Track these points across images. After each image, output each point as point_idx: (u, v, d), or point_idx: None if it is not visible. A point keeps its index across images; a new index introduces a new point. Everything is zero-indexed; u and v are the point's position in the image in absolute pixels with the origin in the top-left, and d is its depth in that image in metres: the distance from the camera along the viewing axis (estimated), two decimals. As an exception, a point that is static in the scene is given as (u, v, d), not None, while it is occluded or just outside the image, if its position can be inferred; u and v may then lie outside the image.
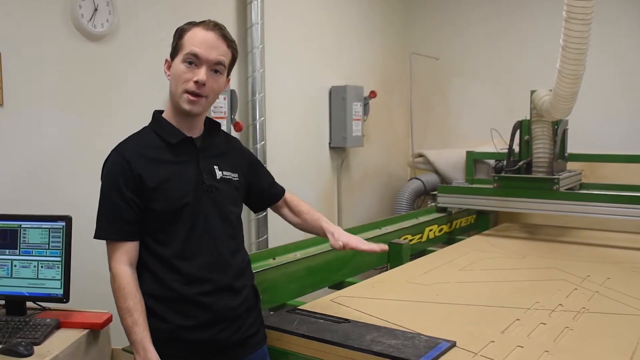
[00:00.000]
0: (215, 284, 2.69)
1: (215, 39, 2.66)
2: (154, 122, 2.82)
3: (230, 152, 2.95)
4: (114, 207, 2.64)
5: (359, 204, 7.43)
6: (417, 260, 4.86)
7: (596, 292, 3.82)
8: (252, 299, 2.89)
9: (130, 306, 2.59)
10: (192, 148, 2.75)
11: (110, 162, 2.71)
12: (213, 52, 2.64)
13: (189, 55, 2.62)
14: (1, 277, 3.11)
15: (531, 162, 5.64)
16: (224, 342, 2.70)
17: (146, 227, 2.67)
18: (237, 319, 2.75)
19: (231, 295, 2.74)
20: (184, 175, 2.68)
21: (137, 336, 2.56)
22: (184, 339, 2.67)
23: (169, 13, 4.82)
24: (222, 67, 2.69)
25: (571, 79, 4.33)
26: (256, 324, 2.89)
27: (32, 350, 2.68)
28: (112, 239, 2.66)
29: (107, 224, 2.66)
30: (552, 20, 4.95)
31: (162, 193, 2.63)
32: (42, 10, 4.06)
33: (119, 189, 2.63)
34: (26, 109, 4.00)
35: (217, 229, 2.72)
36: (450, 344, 2.83)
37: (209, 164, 2.77)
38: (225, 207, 2.77)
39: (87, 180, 4.19)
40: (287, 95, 6.16)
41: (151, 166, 2.66)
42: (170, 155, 2.71)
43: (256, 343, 2.86)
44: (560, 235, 5.76)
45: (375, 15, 7.63)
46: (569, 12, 3.92)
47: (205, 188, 2.70)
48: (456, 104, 8.07)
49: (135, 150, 2.70)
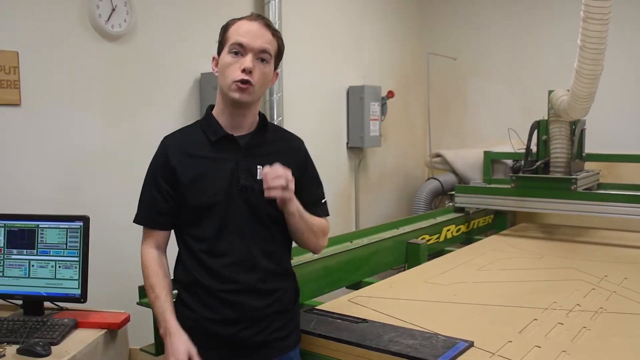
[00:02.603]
0: (241, 284, 2.68)
1: (259, 27, 2.67)
2: (203, 117, 2.84)
3: (284, 152, 2.85)
4: (150, 197, 2.75)
5: (377, 203, 7.43)
6: (435, 260, 4.86)
7: (614, 292, 3.81)
8: (287, 302, 2.84)
9: (152, 283, 2.70)
10: (235, 146, 2.72)
11: (156, 152, 2.79)
12: (258, 40, 2.63)
13: (234, 45, 2.63)
14: (19, 277, 3.14)
15: (549, 162, 5.63)
16: (247, 340, 2.69)
17: (182, 219, 2.73)
18: (263, 319, 2.72)
19: (257, 297, 2.71)
20: (219, 173, 2.68)
21: (159, 309, 2.66)
22: (209, 330, 2.69)
23: (186, 13, 4.83)
24: (268, 55, 2.68)
25: (589, 79, 4.32)
26: (287, 328, 2.83)
27: (50, 350, 2.71)
28: (144, 225, 2.78)
29: (142, 211, 2.78)
30: (570, 20, 4.94)
31: (195, 189, 2.67)
32: (60, 10, 4.10)
33: (156, 181, 2.72)
34: (43, 109, 4.04)
35: (249, 230, 2.69)
36: (468, 344, 2.84)
37: (251, 163, 2.72)
38: (260, 208, 2.70)
39: (104, 179, 4.23)
40: (304, 95, 6.16)
41: (188, 161, 2.70)
42: (210, 151, 2.72)
43: (285, 347, 2.81)
44: (577, 235, 5.75)
45: (393, 15, 7.63)
46: (587, 12, 3.91)
47: (239, 187, 2.68)
48: (474, 104, 8.05)
49: (177, 143, 2.76)
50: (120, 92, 4.46)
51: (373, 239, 4.76)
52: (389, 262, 4.85)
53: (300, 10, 6.04)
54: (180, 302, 2.80)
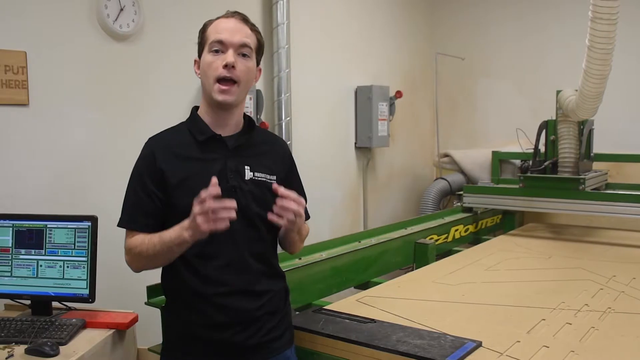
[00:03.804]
0: (232, 286, 2.65)
1: (236, 23, 2.66)
2: (189, 118, 2.81)
3: (271, 153, 2.87)
4: (136, 198, 2.69)
5: (385, 204, 7.43)
6: (443, 260, 4.87)
7: (622, 292, 3.81)
8: (277, 302, 2.82)
9: (148, 238, 2.60)
10: (222, 146, 2.70)
11: (141, 154, 2.74)
12: (237, 35, 2.62)
13: (214, 43, 2.62)
14: (27, 277, 3.14)
15: (557, 162, 5.63)
16: (241, 344, 2.66)
17: (169, 222, 2.63)
18: (255, 321, 2.70)
19: (249, 299, 2.69)
20: (207, 173, 2.59)
21: (170, 232, 2.53)
22: (200, 337, 2.67)
23: (194, 13, 4.82)
24: (249, 49, 2.66)
25: (597, 79, 4.32)
26: (279, 328, 2.82)
27: (58, 350, 2.70)
28: (130, 227, 2.70)
29: (127, 214, 2.71)
30: (578, 20, 4.92)
31: (183, 190, 2.62)
32: (68, 10, 4.10)
33: (142, 182, 2.67)
34: (51, 109, 4.04)
35: (238, 231, 2.61)
36: (476, 344, 2.84)
37: (239, 163, 2.70)
38: (249, 209, 2.66)
39: (112, 180, 4.22)
40: (312, 95, 6.16)
41: (176, 162, 2.67)
42: (197, 152, 2.69)
43: (278, 347, 2.80)
44: (585, 235, 5.75)
45: (401, 16, 7.63)
46: (595, 12, 3.91)
47: (228, 188, 2.63)
48: (482, 104, 8.04)
49: (163, 144, 2.72)
50: (128, 92, 4.47)
51: (381, 239, 4.76)
52: (397, 262, 4.86)
53: (309, 10, 6.05)
54: (169, 310, 2.79)
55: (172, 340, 2.78)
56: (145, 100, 4.57)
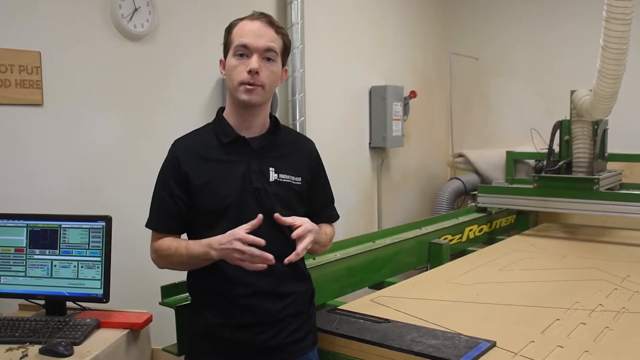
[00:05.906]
0: (256, 287, 2.65)
1: (261, 26, 2.64)
2: (215, 119, 2.82)
3: (296, 153, 2.86)
4: (161, 201, 2.72)
5: (399, 203, 7.42)
6: (457, 260, 4.87)
7: (636, 292, 3.80)
8: (301, 304, 2.81)
9: (175, 246, 2.66)
10: (247, 148, 2.71)
11: (166, 157, 2.76)
12: (261, 40, 2.61)
13: (238, 47, 2.61)
14: (41, 277, 3.16)
15: (571, 162, 5.62)
16: (263, 344, 2.66)
17: (194, 224, 2.70)
18: (278, 323, 2.70)
19: (273, 300, 2.69)
20: (231, 175, 2.65)
21: (197, 248, 2.59)
22: (222, 337, 2.67)
23: (208, 13, 4.86)
24: (274, 53, 2.65)
25: (611, 79, 4.30)
26: (303, 329, 2.80)
27: (72, 350, 2.72)
28: (156, 229, 2.74)
29: (154, 216, 2.75)
30: (592, 20, 4.91)
31: (208, 192, 2.64)
32: (82, 10, 4.12)
33: (167, 185, 2.69)
34: (66, 109, 4.06)
35: (262, 233, 2.52)
36: (490, 344, 2.84)
37: (263, 165, 2.70)
38: (273, 210, 2.61)
39: (127, 180, 4.25)
40: (327, 95, 6.16)
41: (200, 164, 2.68)
42: (221, 154, 2.69)
43: (300, 349, 2.78)
44: (600, 235, 5.73)
45: (415, 15, 7.62)
46: (609, 12, 3.89)
47: (252, 189, 2.64)
48: (496, 104, 8.03)
49: (188, 147, 2.74)
50: (142, 92, 4.48)
51: (396, 239, 4.75)
52: (411, 262, 4.86)
53: (323, 10, 6.05)
54: (192, 310, 2.81)
55: (194, 340, 2.79)
56: (160, 100, 4.58)
